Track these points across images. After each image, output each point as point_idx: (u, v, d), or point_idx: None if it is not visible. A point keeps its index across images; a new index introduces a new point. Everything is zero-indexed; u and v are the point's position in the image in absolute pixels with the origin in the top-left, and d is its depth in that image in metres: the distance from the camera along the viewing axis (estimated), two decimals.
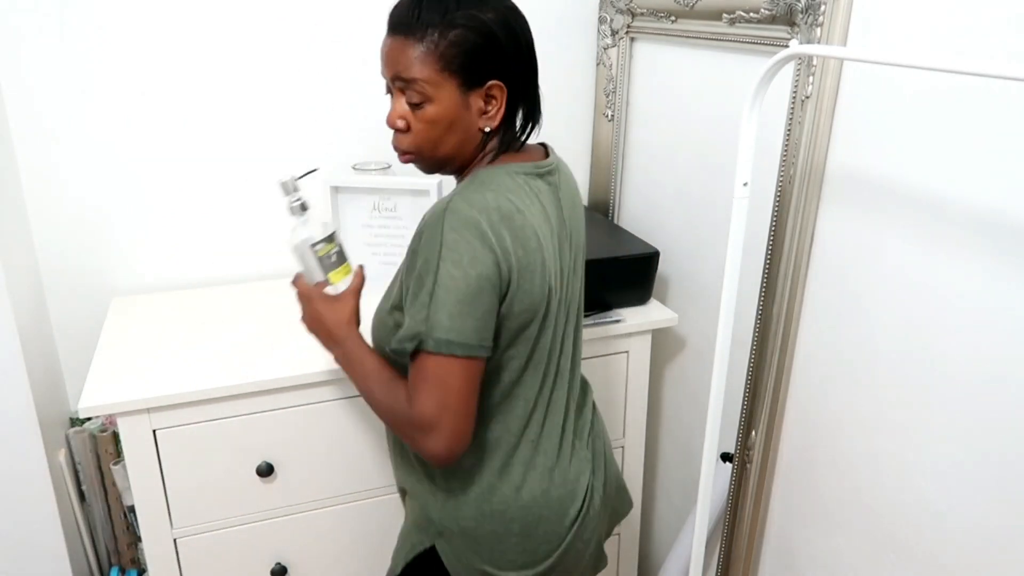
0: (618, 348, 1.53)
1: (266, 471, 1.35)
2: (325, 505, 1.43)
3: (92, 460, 1.61)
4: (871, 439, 1.18)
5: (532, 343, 1.04)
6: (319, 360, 1.34)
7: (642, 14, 1.63)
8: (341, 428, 1.39)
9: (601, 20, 1.76)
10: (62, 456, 1.57)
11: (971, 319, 1.00)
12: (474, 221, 0.95)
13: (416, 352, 0.97)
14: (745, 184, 1.02)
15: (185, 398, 1.27)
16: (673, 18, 1.53)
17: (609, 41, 1.76)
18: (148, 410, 1.26)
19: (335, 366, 1.31)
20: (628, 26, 1.70)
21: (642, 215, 1.78)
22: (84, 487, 1.63)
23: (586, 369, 1.50)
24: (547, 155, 1.11)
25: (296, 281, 1.15)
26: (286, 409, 1.34)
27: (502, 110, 1.02)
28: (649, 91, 1.68)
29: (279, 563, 1.42)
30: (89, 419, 1.67)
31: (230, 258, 1.71)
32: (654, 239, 1.71)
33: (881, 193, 1.12)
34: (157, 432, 1.29)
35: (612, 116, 1.80)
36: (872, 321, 1.16)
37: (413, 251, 0.99)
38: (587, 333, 1.47)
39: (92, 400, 1.23)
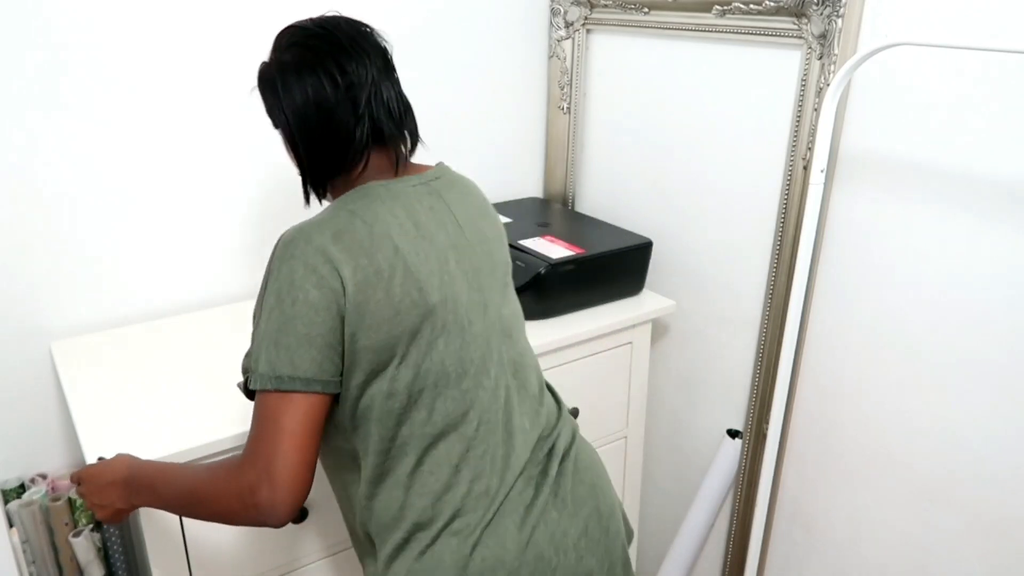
0: (622, 340, 1.53)
1: (299, 517, 1.22)
2: None
3: (44, 535, 1.37)
4: (899, 399, 1.28)
5: (417, 366, 0.92)
6: None
7: (605, 6, 1.64)
8: None
9: (554, 12, 1.75)
10: (15, 536, 1.32)
11: (989, 275, 1.12)
12: (296, 244, 0.90)
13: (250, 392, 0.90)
14: (822, 171, 1.06)
15: (210, 448, 1.11)
16: (646, 10, 1.55)
17: (563, 33, 1.74)
18: None
19: None
20: (586, 18, 1.70)
21: (602, 206, 1.79)
22: (34, 567, 1.38)
23: (590, 364, 1.51)
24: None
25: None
26: None
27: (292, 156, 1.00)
28: (613, 83, 1.69)
29: None
30: (23, 488, 1.43)
31: (172, 287, 1.52)
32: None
33: (892, 172, 1.21)
34: None
35: (568, 108, 1.79)
36: (892, 290, 1.25)
37: None
38: (592, 326, 1.46)
39: None
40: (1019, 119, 1.06)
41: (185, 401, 1.20)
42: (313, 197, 1.01)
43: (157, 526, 1.12)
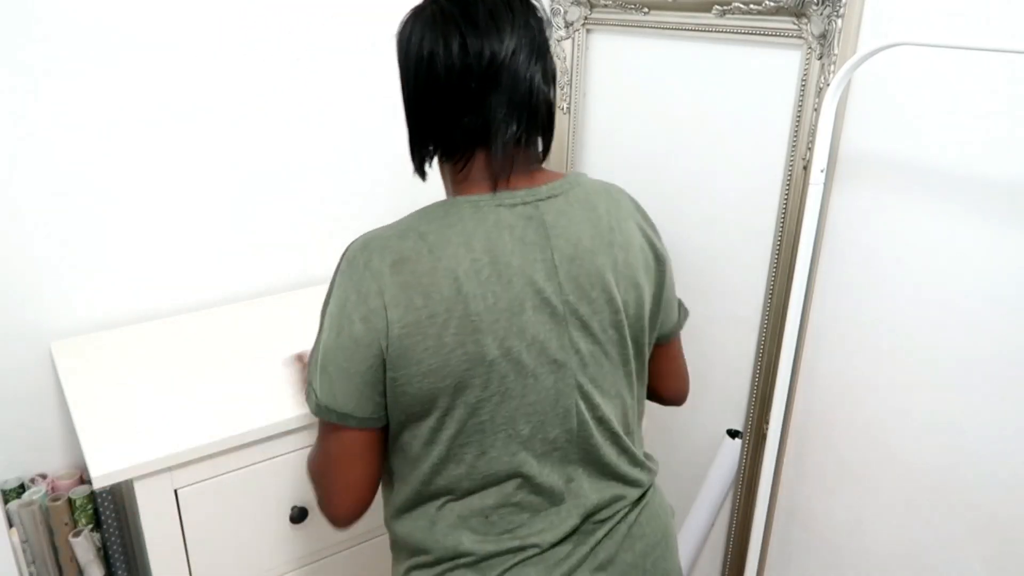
0: None
1: (300, 517, 1.22)
2: (366, 539, 1.32)
3: (44, 536, 1.37)
4: (899, 399, 1.28)
5: (462, 422, 0.84)
6: None
7: (605, 6, 1.64)
8: None
9: (554, 12, 1.74)
10: (15, 536, 1.32)
11: (990, 276, 1.12)
12: (356, 265, 0.82)
13: None
14: (822, 171, 1.06)
15: (210, 449, 1.11)
16: (646, 10, 1.55)
17: (563, 33, 1.74)
18: (169, 468, 1.10)
19: None
20: (586, 18, 1.70)
21: None
22: (34, 567, 1.38)
23: None
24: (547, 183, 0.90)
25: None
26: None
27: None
28: (613, 83, 1.69)
29: None
30: (23, 488, 1.42)
31: (172, 287, 1.52)
32: None
33: (892, 172, 1.21)
34: (179, 492, 1.12)
35: (568, 108, 1.79)
36: (892, 290, 1.25)
37: None
38: None
39: (104, 466, 1.05)
40: (1019, 119, 1.06)
41: (185, 401, 1.20)
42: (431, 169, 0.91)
43: (157, 526, 1.12)
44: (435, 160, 0.90)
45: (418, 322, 0.79)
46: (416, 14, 0.85)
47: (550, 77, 0.86)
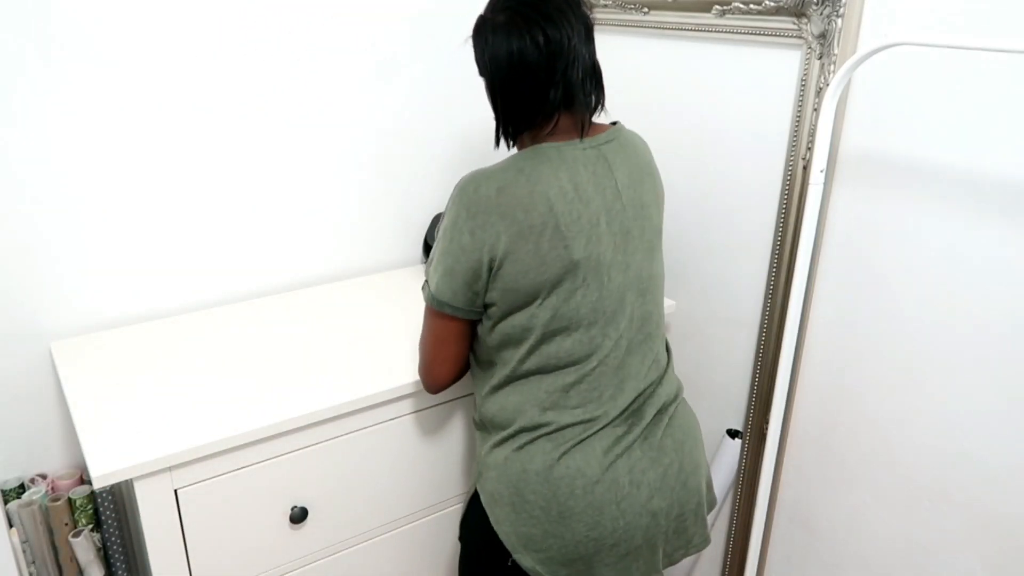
0: None
1: (300, 517, 1.22)
2: (366, 539, 1.32)
3: (44, 536, 1.37)
4: (899, 400, 1.28)
5: (555, 309, 1.08)
6: (343, 389, 1.23)
7: (605, 6, 1.64)
8: (377, 455, 1.28)
9: None
10: (15, 536, 1.32)
11: (989, 276, 1.12)
12: (466, 192, 1.07)
13: None
14: (822, 171, 1.06)
15: (210, 449, 1.11)
16: (646, 10, 1.55)
17: None
18: (169, 468, 1.10)
19: (360, 395, 1.23)
20: None
21: None
22: (34, 567, 1.38)
23: None
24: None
25: None
26: (317, 445, 1.22)
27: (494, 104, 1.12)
28: (613, 83, 1.69)
29: None
30: (23, 489, 1.43)
31: (172, 288, 1.52)
32: None
33: (892, 172, 1.21)
34: (179, 492, 1.12)
35: None
36: (892, 290, 1.25)
37: None
38: None
39: (104, 466, 1.04)
40: (1019, 119, 1.06)
41: (185, 401, 1.20)
42: (503, 142, 1.15)
43: (157, 526, 1.12)
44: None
45: (520, 232, 1.04)
46: (492, 21, 1.07)
47: (595, 50, 1.12)
